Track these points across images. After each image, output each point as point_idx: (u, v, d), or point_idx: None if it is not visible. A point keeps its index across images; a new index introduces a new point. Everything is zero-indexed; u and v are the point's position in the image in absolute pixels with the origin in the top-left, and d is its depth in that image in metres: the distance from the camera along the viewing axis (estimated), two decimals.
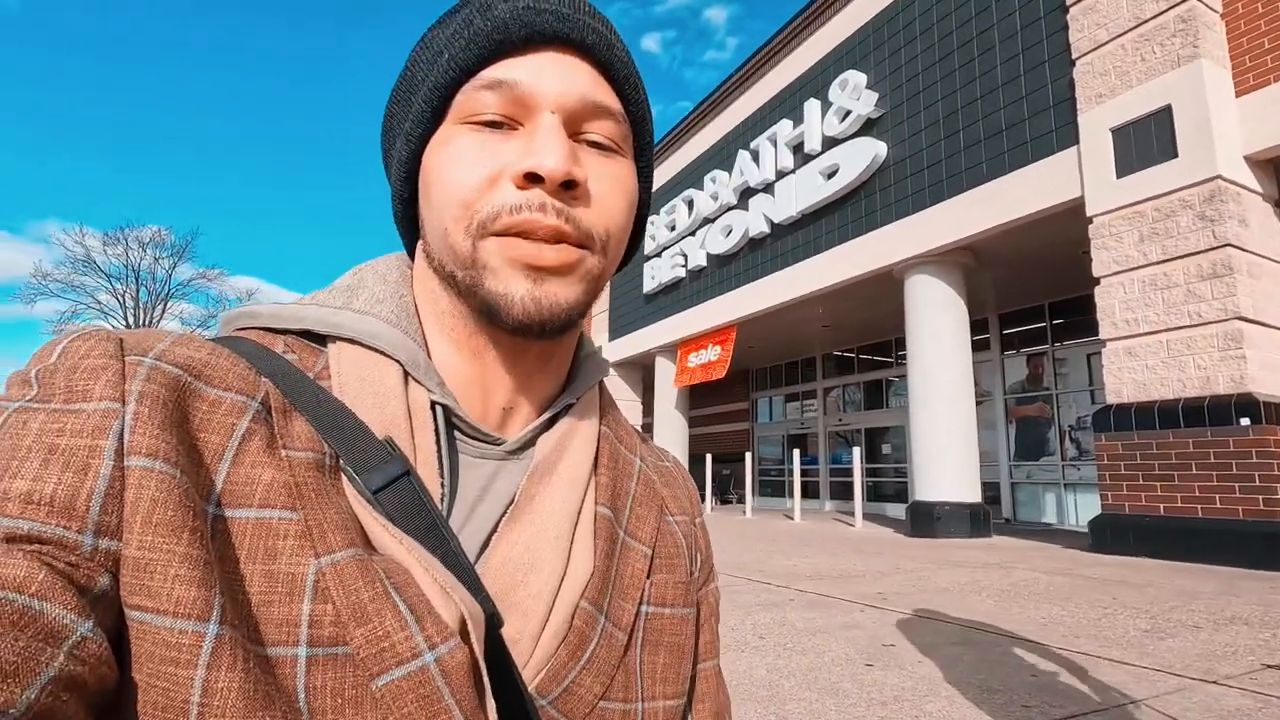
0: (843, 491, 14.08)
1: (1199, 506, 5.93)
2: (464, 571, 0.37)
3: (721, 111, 13.45)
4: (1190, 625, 3.55)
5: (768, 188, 11.60)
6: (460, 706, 0.33)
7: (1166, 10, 6.40)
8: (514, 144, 0.40)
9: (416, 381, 0.42)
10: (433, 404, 0.42)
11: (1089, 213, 6.87)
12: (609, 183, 0.42)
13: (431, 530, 0.37)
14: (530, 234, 0.38)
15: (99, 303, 28.46)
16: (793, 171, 11.04)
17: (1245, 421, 5.67)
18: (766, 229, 11.49)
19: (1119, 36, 6.74)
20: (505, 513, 0.42)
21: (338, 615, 0.32)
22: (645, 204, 0.49)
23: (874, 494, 13.42)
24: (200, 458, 0.33)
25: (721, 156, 13.08)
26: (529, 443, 0.45)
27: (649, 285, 15.05)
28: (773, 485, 16.23)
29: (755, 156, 11.89)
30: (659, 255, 14.85)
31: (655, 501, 0.50)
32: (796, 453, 11.25)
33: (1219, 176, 5.95)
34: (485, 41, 0.40)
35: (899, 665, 2.91)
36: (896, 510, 11.95)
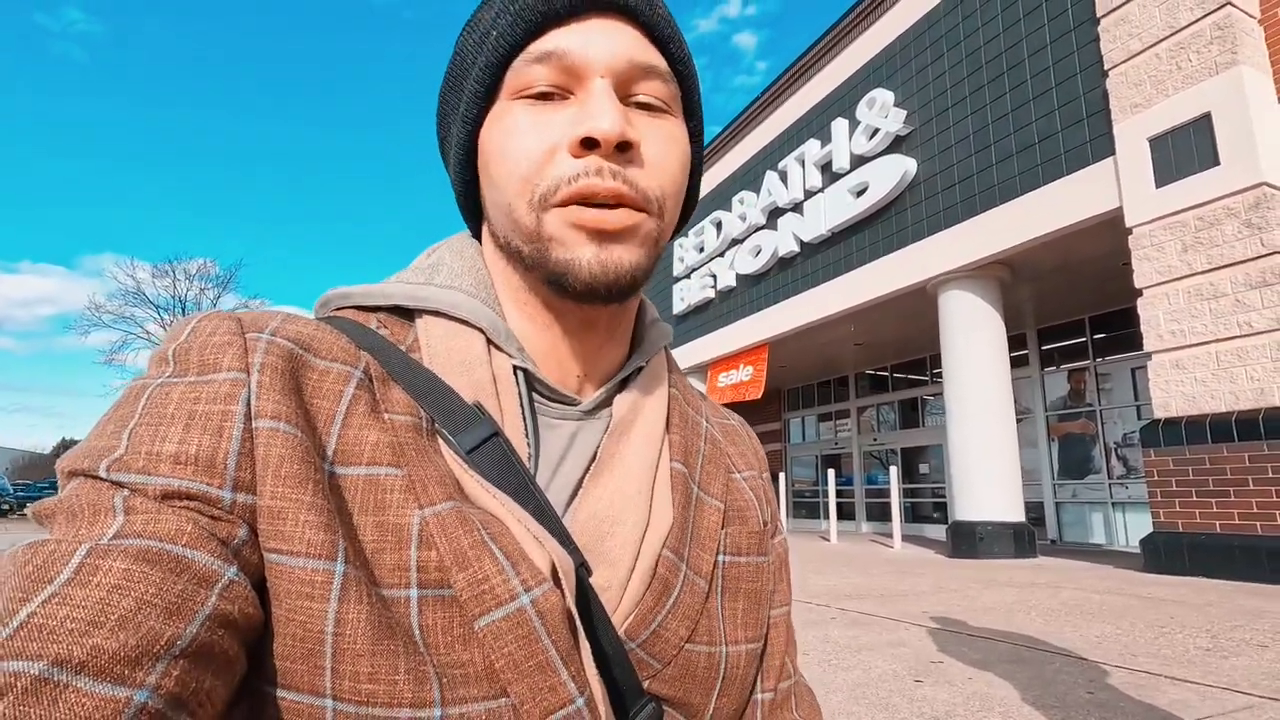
0: (879, 513, 13.79)
1: (1258, 523, 5.68)
2: (553, 525, 0.39)
3: (748, 135, 13.55)
4: (1256, 644, 3.39)
5: (796, 207, 11.61)
6: (556, 646, 0.35)
7: (1202, 18, 6.32)
8: (567, 113, 0.41)
9: (498, 348, 0.44)
10: (515, 369, 0.44)
11: (1128, 223, 6.74)
12: (662, 143, 0.43)
13: (521, 488, 0.39)
14: (591, 199, 0.39)
15: (148, 333, 29.49)
16: (821, 190, 11.04)
17: None
18: (796, 248, 11.47)
19: (1153, 46, 6.66)
20: (587, 470, 0.44)
21: (441, 560, 0.35)
22: (698, 164, 0.50)
23: (912, 515, 13.12)
24: (314, 421, 0.36)
25: (749, 178, 13.15)
26: (604, 404, 0.47)
27: (679, 306, 15.08)
28: (807, 507, 15.98)
29: (783, 177, 11.93)
30: (688, 276, 14.90)
31: (722, 459, 0.52)
32: (831, 473, 11.09)
33: (1264, 183, 5.80)
34: (531, 15, 0.41)
35: (949, 682, 2.84)
36: (936, 531, 11.66)
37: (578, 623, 0.36)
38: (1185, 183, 6.31)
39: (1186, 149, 6.34)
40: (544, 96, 0.41)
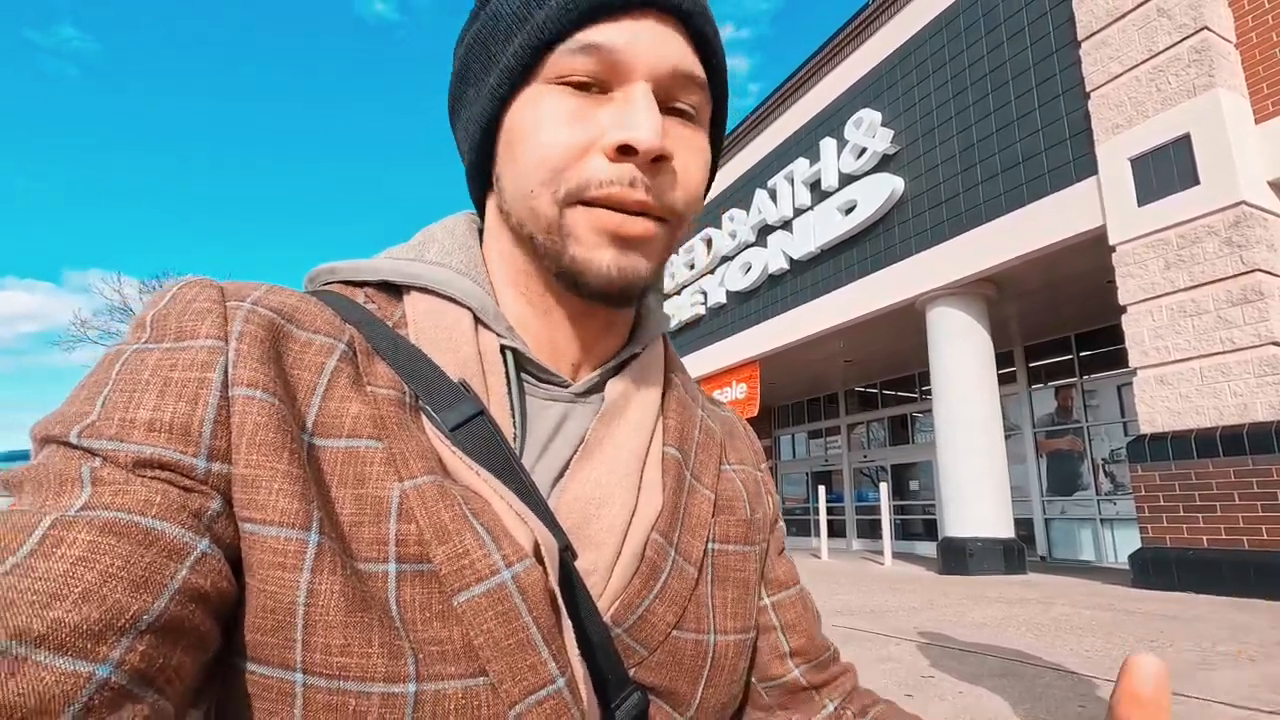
0: (870, 530, 13.76)
1: (1244, 538, 5.71)
2: (537, 504, 0.38)
3: (738, 153, 13.69)
4: (1245, 658, 3.40)
5: (786, 225, 11.71)
6: (537, 624, 0.34)
7: (1180, 42, 6.47)
8: (606, 111, 0.39)
9: (486, 327, 0.43)
10: (502, 348, 0.43)
11: (1112, 241, 6.84)
12: (691, 155, 0.42)
13: (505, 467, 0.38)
14: (619, 208, 0.39)
15: None
16: (810, 208, 11.14)
17: None
18: (786, 265, 11.55)
19: (1133, 68, 6.81)
20: (576, 453, 0.43)
21: (421, 534, 0.34)
22: (712, 175, 0.49)
23: (903, 532, 13.10)
24: (294, 392, 0.36)
25: (739, 196, 13.26)
26: (597, 388, 0.46)
27: (670, 323, 15.10)
28: (798, 524, 15.92)
29: (773, 195, 12.04)
30: (679, 293, 14.94)
31: (715, 450, 0.51)
32: (821, 490, 11.07)
33: (1243, 202, 5.91)
34: (585, 4, 0.39)
35: (940, 696, 2.82)
36: (926, 548, 11.64)
37: (560, 602, 0.35)
38: (1166, 202, 6.42)
39: (1167, 169, 6.45)
40: (582, 87, 0.40)
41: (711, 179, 0.50)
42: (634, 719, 0.39)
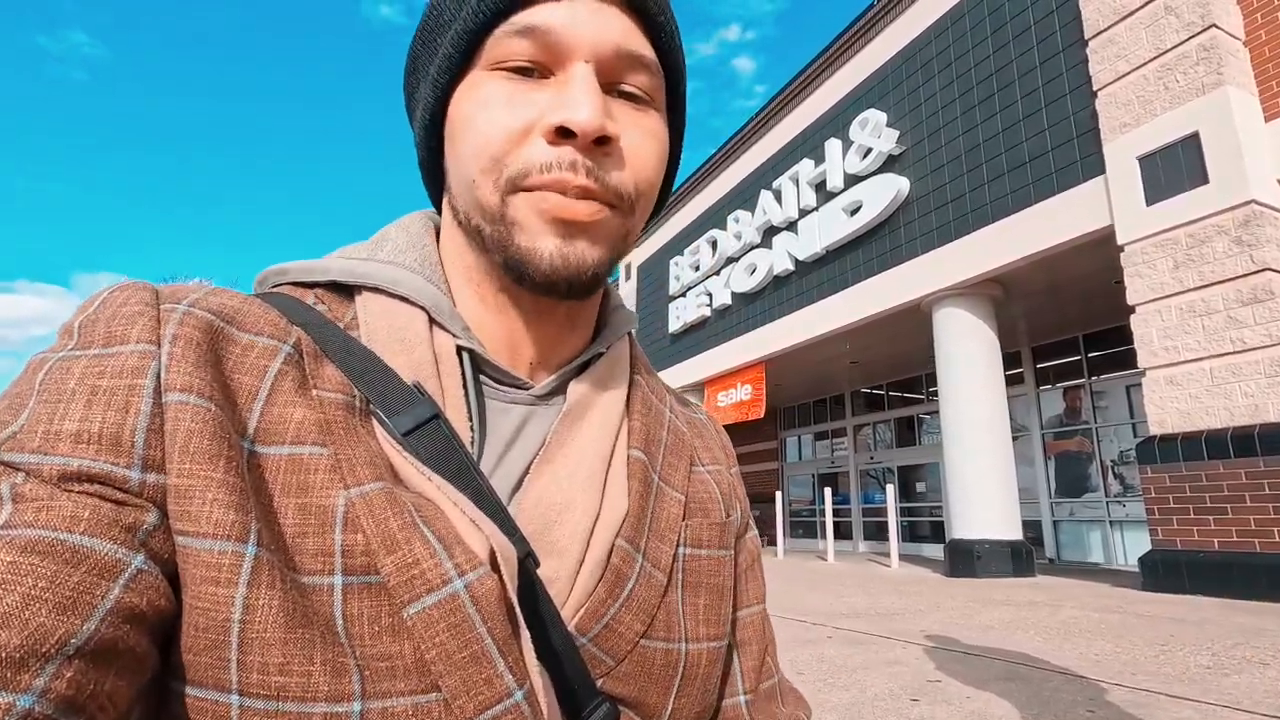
0: (876, 532, 13.70)
1: (1256, 540, 5.65)
2: (495, 510, 0.36)
3: (743, 154, 13.67)
4: (1257, 662, 3.35)
5: (791, 226, 11.68)
6: (493, 635, 0.32)
7: (1188, 39, 6.42)
8: (545, 94, 0.38)
9: (441, 327, 0.42)
10: (459, 349, 0.42)
11: (1120, 241, 6.79)
12: (643, 137, 0.41)
13: (461, 472, 0.36)
14: (561, 192, 0.38)
15: None
16: (815, 209, 11.11)
17: None
18: (791, 266, 11.52)
19: (1140, 67, 6.75)
20: (537, 456, 0.42)
21: (368, 544, 0.32)
22: (676, 159, 0.48)
23: (909, 534, 13.03)
24: (234, 397, 0.34)
25: (744, 197, 13.24)
26: (560, 389, 0.45)
27: (674, 325, 15.10)
28: (804, 526, 15.87)
29: (778, 196, 12.01)
30: (684, 295, 14.93)
31: (685, 450, 0.49)
32: (828, 492, 11.02)
33: (1253, 201, 5.85)
34: None
35: (946, 700, 2.79)
36: (934, 551, 11.57)
37: (518, 611, 0.33)
38: (1175, 201, 6.36)
39: (1175, 168, 6.40)
40: (522, 71, 0.39)
41: (675, 165, 0.48)
42: None
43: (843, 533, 14.31)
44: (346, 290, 0.43)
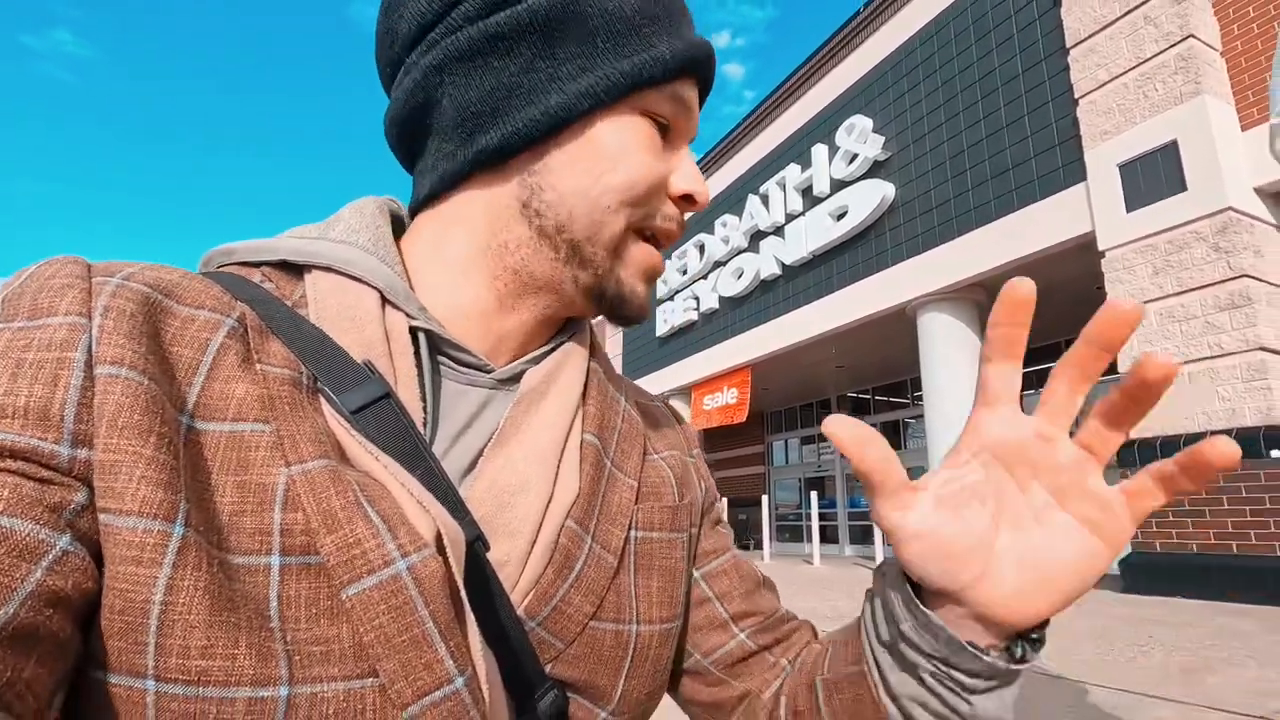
0: (862, 535, 13.76)
1: (1233, 543, 5.73)
2: (444, 492, 0.36)
3: (730, 159, 13.72)
4: (1235, 663, 3.39)
5: (778, 230, 11.73)
6: (435, 619, 0.31)
7: (1166, 49, 6.53)
8: (669, 158, 0.45)
9: (395, 307, 0.41)
10: (413, 330, 0.41)
11: (1100, 247, 6.88)
12: None
13: (411, 452, 0.36)
14: (665, 240, 0.46)
15: None
16: (802, 214, 11.17)
17: (1276, 454, 5.52)
18: (778, 270, 11.57)
19: (1120, 75, 6.86)
20: (490, 440, 0.42)
21: (308, 523, 0.31)
22: None
23: None
24: (172, 371, 0.32)
25: (731, 202, 13.29)
26: (520, 375, 0.45)
27: (661, 329, 15.11)
28: (790, 530, 15.90)
29: (765, 200, 12.07)
30: (671, 299, 14.95)
31: (638, 438, 0.50)
32: (814, 496, 11.06)
33: (1230, 208, 5.95)
34: (689, 61, 0.44)
35: None
36: None
37: (464, 595, 0.32)
38: (1155, 208, 6.46)
39: (1155, 175, 6.49)
40: (661, 129, 0.45)
41: None
42: (552, 717, 0.37)
43: (829, 537, 14.35)
44: (296, 270, 0.42)
